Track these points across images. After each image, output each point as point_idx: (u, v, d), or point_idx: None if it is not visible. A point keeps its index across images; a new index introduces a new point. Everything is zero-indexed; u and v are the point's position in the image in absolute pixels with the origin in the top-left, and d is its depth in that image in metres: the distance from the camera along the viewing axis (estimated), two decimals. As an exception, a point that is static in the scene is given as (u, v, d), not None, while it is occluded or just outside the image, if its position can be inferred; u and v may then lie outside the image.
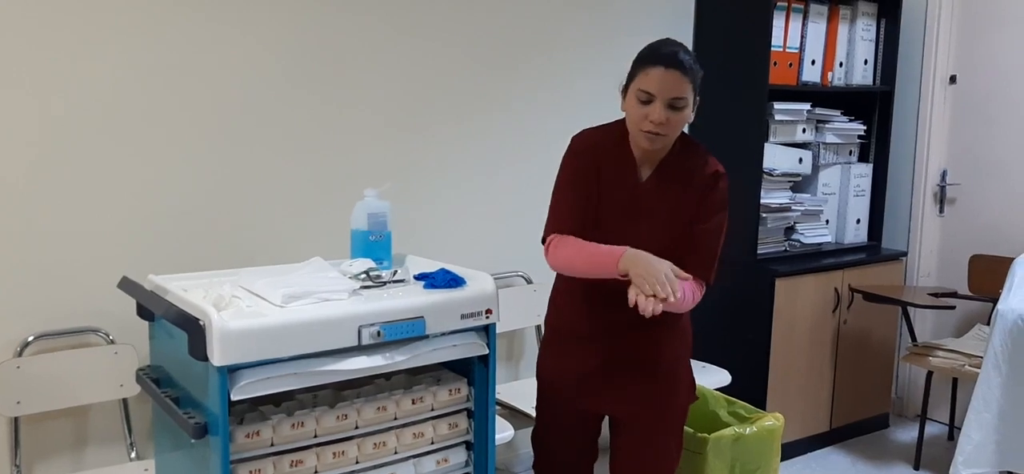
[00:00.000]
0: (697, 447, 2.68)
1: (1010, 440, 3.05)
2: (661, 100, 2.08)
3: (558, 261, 2.24)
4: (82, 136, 2.60)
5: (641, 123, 2.12)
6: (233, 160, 2.86)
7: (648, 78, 2.09)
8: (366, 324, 2.07)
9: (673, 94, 2.08)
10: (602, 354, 2.32)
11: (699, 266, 2.19)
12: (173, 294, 2.15)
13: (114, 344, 2.66)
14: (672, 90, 2.08)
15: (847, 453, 4.01)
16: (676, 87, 2.08)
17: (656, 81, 2.08)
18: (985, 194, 4.15)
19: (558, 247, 2.23)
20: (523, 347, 3.61)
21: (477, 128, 3.38)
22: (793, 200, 3.93)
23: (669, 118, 2.09)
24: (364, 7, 3.06)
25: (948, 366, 3.62)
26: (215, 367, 1.90)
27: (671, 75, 2.07)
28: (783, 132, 3.87)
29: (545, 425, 2.48)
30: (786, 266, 3.78)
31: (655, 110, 2.09)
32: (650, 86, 2.09)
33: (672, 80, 2.08)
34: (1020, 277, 3.19)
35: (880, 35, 4.15)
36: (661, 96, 2.08)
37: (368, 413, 2.19)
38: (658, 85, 2.08)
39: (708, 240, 2.22)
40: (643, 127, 2.12)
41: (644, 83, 2.10)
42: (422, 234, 3.17)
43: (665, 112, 2.09)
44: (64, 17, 2.53)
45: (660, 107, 2.08)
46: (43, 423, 2.62)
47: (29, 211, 2.54)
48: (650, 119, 2.09)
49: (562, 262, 2.23)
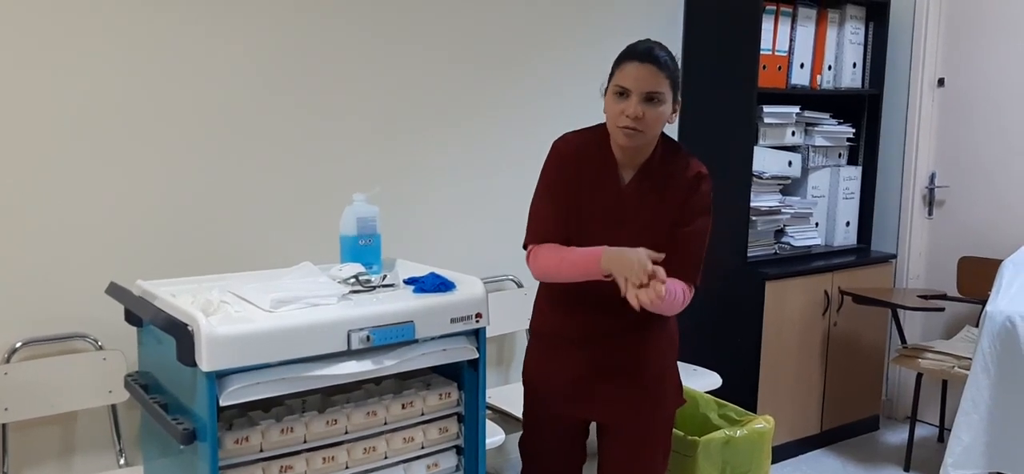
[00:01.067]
0: (687, 450, 2.68)
1: (999, 441, 3.07)
2: (636, 94, 2.10)
3: (540, 270, 2.25)
4: (69, 142, 2.59)
5: (618, 119, 2.13)
6: (221, 165, 2.85)
7: (623, 73, 2.13)
8: (355, 329, 2.06)
9: (648, 88, 2.10)
10: (588, 359, 2.31)
11: (684, 269, 2.19)
12: (161, 299, 2.14)
13: (102, 350, 2.65)
14: (647, 84, 2.10)
15: (838, 455, 4.02)
16: (650, 81, 2.10)
17: (631, 75, 2.11)
18: (973, 196, 4.17)
19: (538, 256, 2.24)
20: (513, 351, 3.61)
21: (466, 132, 3.38)
22: (783, 203, 3.94)
23: (645, 113, 2.10)
24: (351, 12, 3.06)
25: (938, 368, 3.64)
26: (203, 373, 1.89)
27: (645, 68, 2.10)
28: (772, 135, 3.88)
29: (532, 430, 2.48)
30: (776, 269, 3.79)
31: (631, 104, 2.10)
32: (625, 81, 2.11)
33: (646, 73, 2.10)
34: (1008, 279, 3.20)
35: (868, 38, 4.17)
36: (636, 90, 2.10)
37: (358, 418, 2.19)
38: (633, 79, 2.10)
39: (692, 243, 2.22)
40: (619, 123, 2.13)
41: (620, 78, 2.13)
42: (412, 238, 3.16)
43: (641, 106, 2.10)
44: (48, 26, 2.52)
45: (635, 101, 2.10)
46: (31, 430, 2.61)
47: (16, 217, 2.53)
48: (626, 114, 2.11)
49: (544, 271, 2.24)
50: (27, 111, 2.52)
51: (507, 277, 3.49)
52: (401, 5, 3.16)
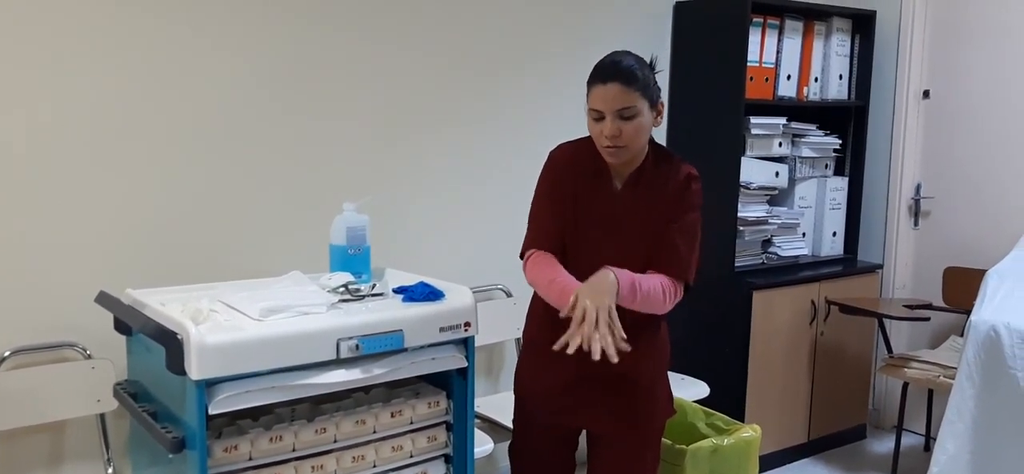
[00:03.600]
0: (675, 459, 2.69)
1: (984, 450, 3.08)
2: (609, 115, 2.12)
3: (531, 280, 2.27)
4: (59, 150, 2.59)
5: (599, 140, 2.17)
6: (211, 174, 2.86)
7: (594, 96, 2.15)
8: (344, 337, 2.07)
9: (617, 106, 2.11)
10: (579, 369, 2.31)
11: (675, 264, 2.21)
12: (151, 308, 2.15)
13: (91, 359, 2.65)
14: (616, 102, 2.11)
15: (825, 464, 4.03)
16: (619, 99, 2.11)
17: (600, 98, 2.13)
18: (959, 207, 4.20)
19: (532, 267, 2.26)
20: (503, 360, 3.62)
21: (456, 141, 3.39)
22: (770, 213, 3.96)
23: (622, 129, 2.12)
24: (342, 20, 3.07)
25: (923, 377, 3.66)
26: (193, 381, 1.90)
27: (611, 89, 2.11)
28: (760, 146, 3.90)
29: (522, 439, 2.48)
30: (763, 279, 3.82)
31: (607, 125, 2.13)
32: (596, 104, 2.14)
33: (613, 93, 2.11)
34: (993, 289, 3.22)
35: (855, 50, 4.21)
36: (608, 110, 2.12)
37: (347, 427, 2.20)
38: (602, 101, 2.12)
39: (682, 238, 2.23)
40: (601, 144, 2.17)
41: (592, 102, 2.15)
42: (401, 248, 3.17)
43: (616, 124, 2.12)
44: (42, 31, 2.53)
45: (610, 121, 2.12)
46: (19, 439, 2.60)
47: (5, 225, 2.53)
48: (604, 135, 2.13)
49: (533, 283, 2.27)
50: (16, 120, 2.52)
51: (496, 286, 3.50)
52: (392, 17, 3.18)
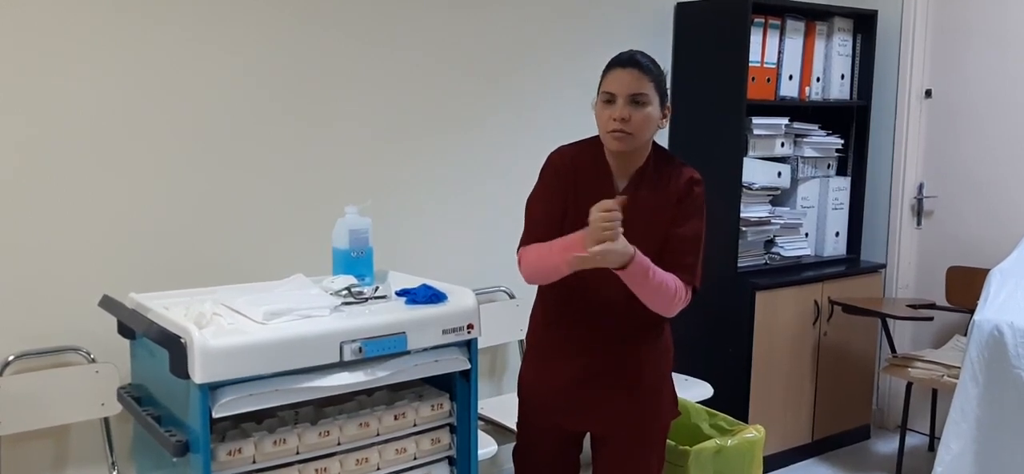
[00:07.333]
0: (679, 460, 2.69)
1: (988, 449, 3.08)
2: (622, 97, 2.18)
3: (528, 269, 2.28)
4: (62, 154, 2.59)
5: (607, 124, 2.21)
6: (214, 178, 2.86)
7: (608, 80, 2.22)
8: (348, 340, 2.07)
9: (632, 90, 2.18)
10: (583, 370, 2.32)
11: (681, 269, 2.22)
12: (154, 312, 2.15)
13: (95, 363, 2.65)
14: (630, 86, 2.18)
15: (829, 465, 4.03)
16: (634, 83, 2.18)
17: (615, 80, 2.20)
18: (961, 206, 4.20)
19: (524, 260, 2.28)
20: (506, 362, 3.62)
21: (458, 143, 3.39)
22: (772, 214, 3.96)
23: (632, 115, 2.18)
24: (345, 24, 3.07)
25: (927, 377, 3.65)
26: (196, 385, 1.90)
27: (628, 73, 2.19)
28: (762, 146, 3.90)
29: (526, 441, 2.49)
30: (766, 279, 3.81)
31: (617, 108, 2.18)
32: (610, 86, 2.21)
33: (630, 77, 2.19)
34: (996, 288, 3.22)
35: (856, 50, 4.20)
36: (621, 93, 2.18)
37: (350, 429, 2.20)
38: (617, 83, 2.19)
39: (687, 243, 2.25)
40: (608, 127, 2.20)
41: (606, 85, 2.23)
42: (404, 250, 3.17)
43: (627, 108, 2.18)
44: (43, 34, 2.53)
45: (622, 104, 2.18)
46: (24, 443, 2.60)
47: (8, 229, 2.53)
48: (614, 117, 2.18)
49: (530, 267, 2.27)
50: (18, 124, 2.53)
51: (499, 288, 3.50)
52: (393, 19, 3.18)
